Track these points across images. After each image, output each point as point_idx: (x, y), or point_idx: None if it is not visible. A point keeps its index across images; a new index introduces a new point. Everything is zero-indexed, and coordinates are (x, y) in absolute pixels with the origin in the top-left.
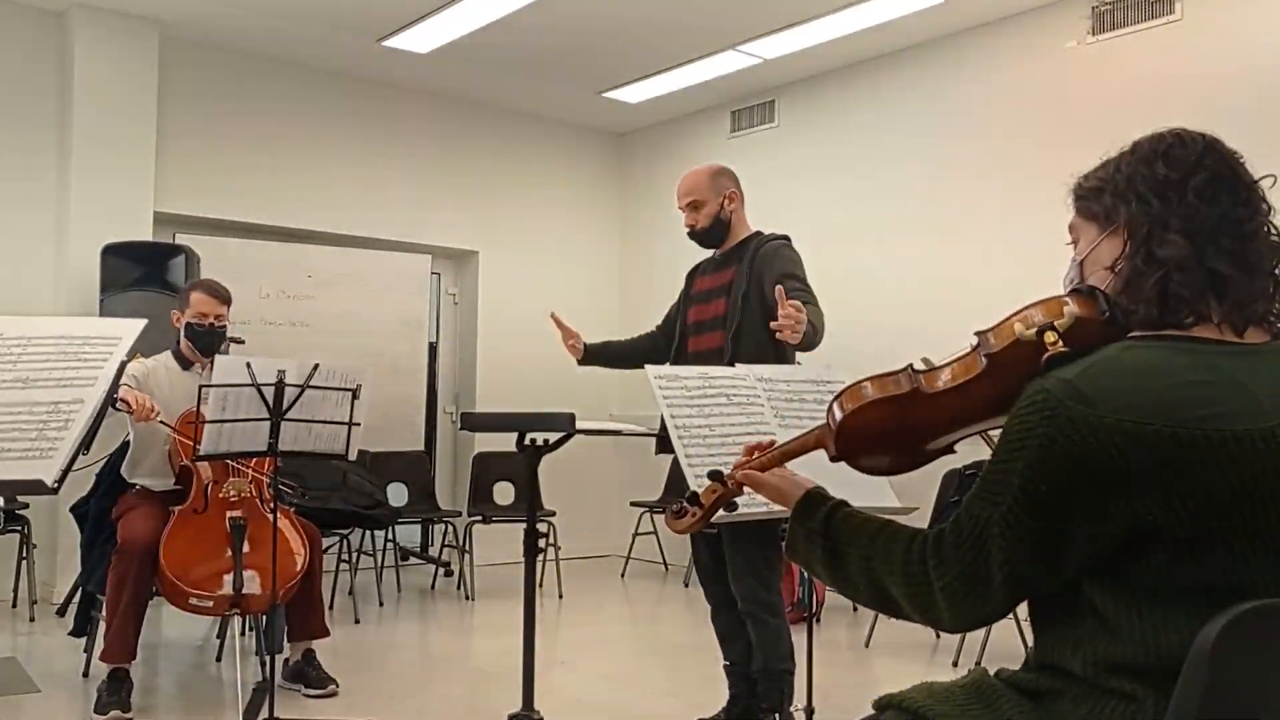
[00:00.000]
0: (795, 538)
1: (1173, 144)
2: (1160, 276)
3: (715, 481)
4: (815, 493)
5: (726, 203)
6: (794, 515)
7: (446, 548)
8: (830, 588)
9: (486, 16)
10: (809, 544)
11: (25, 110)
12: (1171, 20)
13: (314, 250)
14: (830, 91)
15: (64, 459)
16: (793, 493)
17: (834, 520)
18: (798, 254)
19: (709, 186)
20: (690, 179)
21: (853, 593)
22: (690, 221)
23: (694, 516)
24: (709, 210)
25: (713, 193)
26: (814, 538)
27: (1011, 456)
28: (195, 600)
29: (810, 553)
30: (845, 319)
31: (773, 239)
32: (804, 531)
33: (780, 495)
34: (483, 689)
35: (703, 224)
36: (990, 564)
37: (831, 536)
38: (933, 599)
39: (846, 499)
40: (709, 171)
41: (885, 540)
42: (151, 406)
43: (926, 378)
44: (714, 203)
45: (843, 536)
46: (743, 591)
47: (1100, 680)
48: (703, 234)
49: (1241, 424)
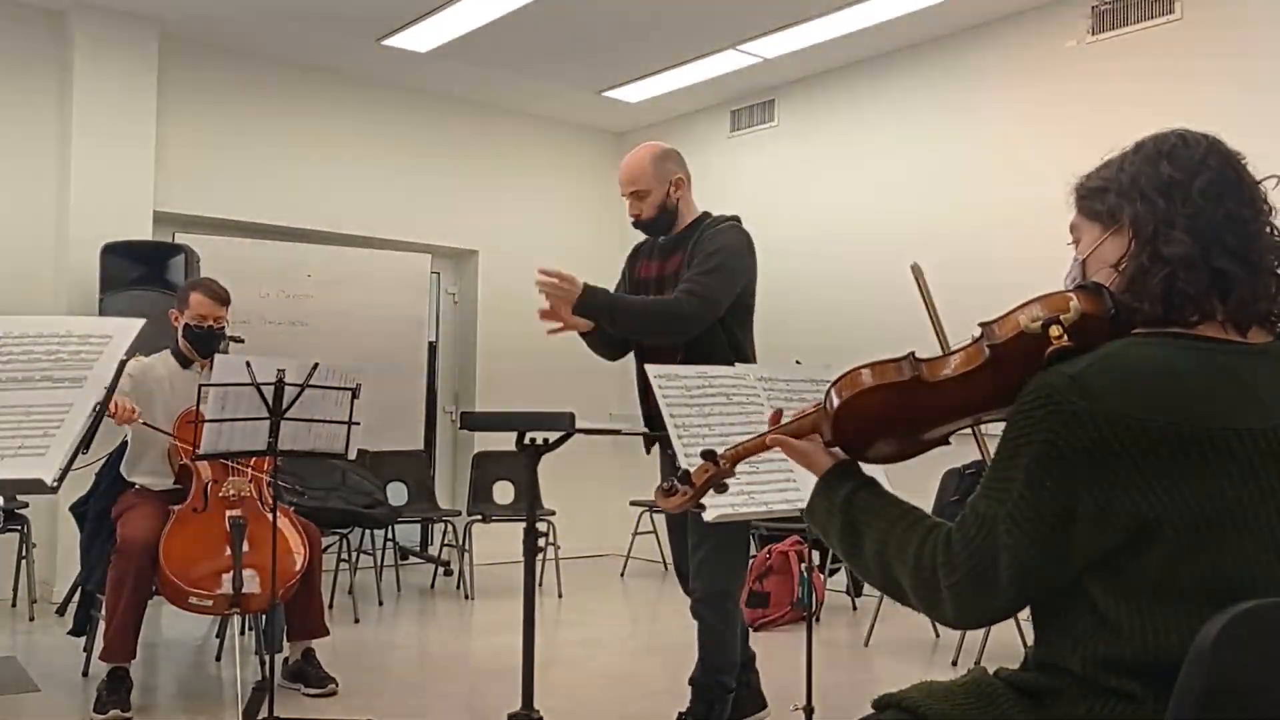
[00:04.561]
0: (816, 507)
1: (1176, 144)
2: (1166, 275)
3: (708, 461)
4: (846, 466)
5: (673, 190)
6: (819, 484)
7: (446, 547)
8: (841, 560)
9: (486, 16)
10: (828, 516)
11: (25, 110)
12: (1171, 20)
13: (314, 250)
14: (830, 91)
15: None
16: (823, 461)
17: (856, 499)
18: (738, 235)
19: (653, 174)
20: (633, 165)
21: (862, 572)
22: (634, 212)
23: (684, 495)
24: (654, 199)
25: (657, 180)
26: (834, 511)
27: (1016, 453)
28: (195, 599)
29: (829, 524)
30: (845, 319)
31: (719, 222)
32: (826, 504)
33: (809, 461)
34: (482, 688)
35: (648, 214)
36: (997, 563)
37: (851, 514)
38: (939, 596)
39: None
40: (652, 156)
41: (902, 530)
42: (131, 409)
43: (928, 366)
44: (659, 191)
45: (863, 517)
46: (701, 584)
47: (1099, 679)
48: (648, 224)
49: (1244, 422)
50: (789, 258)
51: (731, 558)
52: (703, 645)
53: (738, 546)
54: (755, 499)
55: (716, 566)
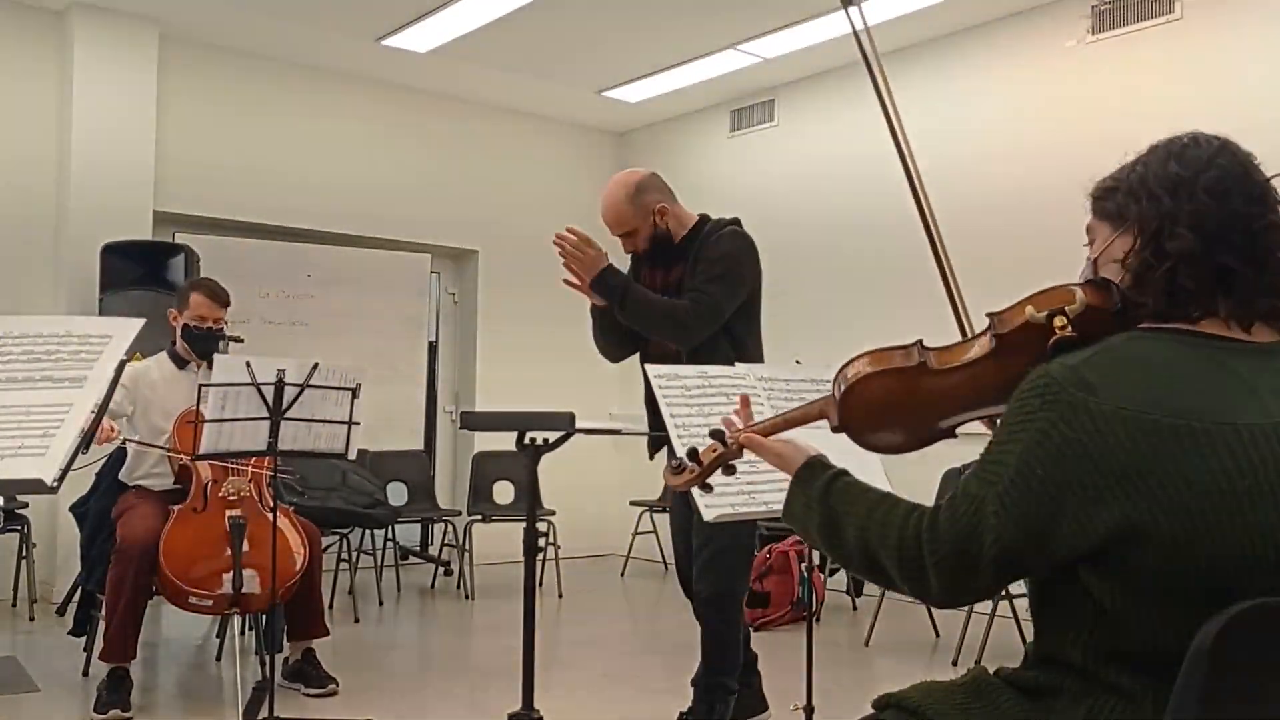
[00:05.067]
0: (793, 504)
1: (1188, 145)
2: (1168, 269)
3: (716, 440)
4: (817, 460)
5: (658, 219)
6: (794, 481)
7: (446, 547)
8: (823, 553)
9: (486, 16)
10: (806, 511)
11: (25, 109)
12: (1171, 20)
13: (314, 250)
14: (830, 91)
15: (63, 458)
16: (795, 458)
17: (833, 489)
18: (743, 245)
19: (634, 213)
20: (611, 209)
21: (844, 560)
22: (628, 249)
23: (692, 473)
24: (644, 233)
25: (640, 217)
26: (812, 505)
27: (1011, 438)
28: (195, 599)
29: (807, 519)
30: (846, 319)
31: (720, 228)
32: (803, 499)
33: (781, 461)
34: (482, 688)
35: (643, 246)
36: (982, 542)
37: (829, 505)
38: (924, 572)
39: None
40: (627, 195)
41: (883, 512)
42: (110, 428)
43: (935, 354)
44: (645, 226)
45: (840, 506)
46: (706, 585)
47: (1099, 672)
48: (647, 253)
49: (1242, 418)
50: (788, 257)
51: (737, 560)
52: (706, 647)
53: (743, 548)
54: (755, 499)
55: (722, 568)
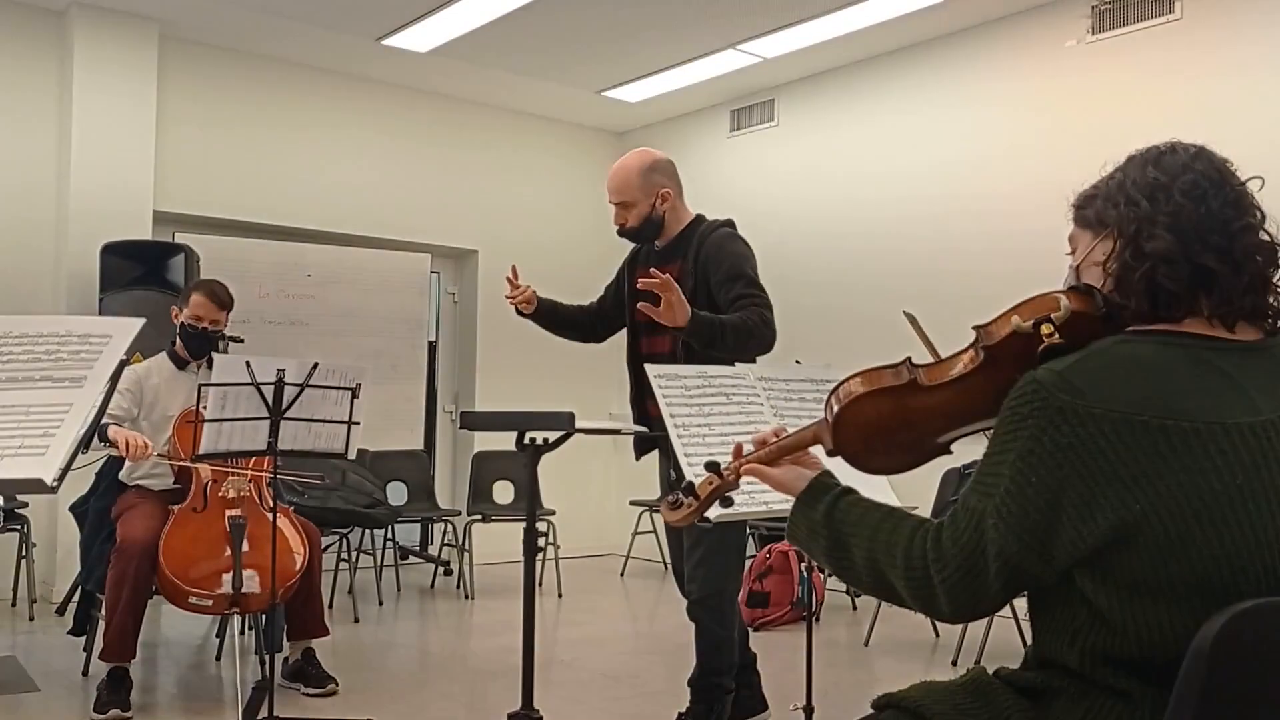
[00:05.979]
0: (798, 527)
1: (1165, 152)
2: (1147, 269)
3: (712, 473)
4: (819, 482)
5: (659, 202)
6: (797, 505)
7: (446, 547)
8: (832, 574)
9: (486, 16)
10: (811, 535)
11: (25, 110)
12: (1171, 20)
13: (313, 249)
14: (830, 91)
15: (63, 458)
16: (796, 484)
17: (837, 511)
18: (745, 245)
19: (639, 186)
20: (619, 176)
21: (854, 580)
22: (619, 221)
23: (690, 508)
24: (639, 211)
25: (643, 193)
26: (817, 530)
27: (1003, 448)
28: (194, 599)
29: (813, 543)
30: (845, 319)
31: (715, 228)
32: (807, 524)
33: (784, 486)
34: (482, 688)
35: (632, 224)
36: (986, 556)
37: (834, 528)
38: (933, 592)
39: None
40: (640, 168)
41: (888, 532)
42: (143, 445)
43: (925, 371)
44: (644, 203)
45: (846, 528)
46: (696, 585)
47: (1097, 675)
48: (633, 233)
49: (1231, 417)
50: (788, 257)
51: (727, 559)
52: (700, 647)
53: (734, 548)
54: (755, 499)
55: (712, 568)
